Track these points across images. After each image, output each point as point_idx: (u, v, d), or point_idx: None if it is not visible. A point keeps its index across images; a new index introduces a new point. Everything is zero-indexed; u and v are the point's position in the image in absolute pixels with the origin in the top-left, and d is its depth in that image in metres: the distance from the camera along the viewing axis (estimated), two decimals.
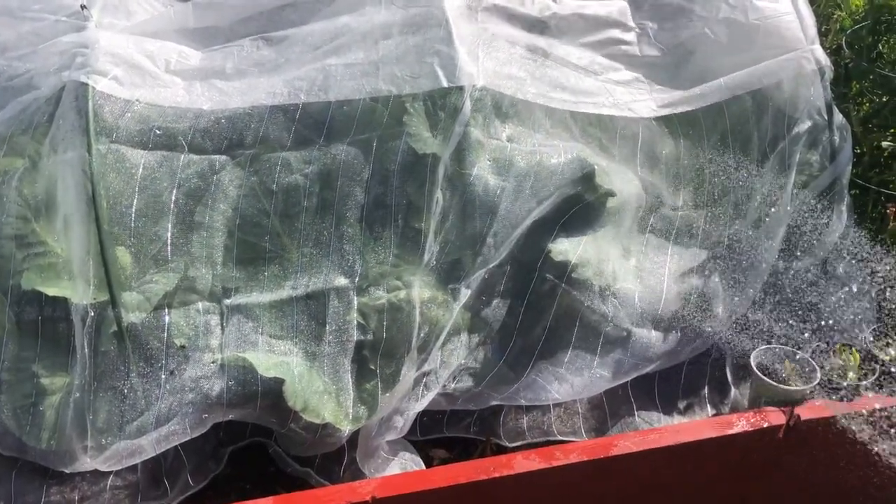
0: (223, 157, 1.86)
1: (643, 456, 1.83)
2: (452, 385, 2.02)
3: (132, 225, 1.76)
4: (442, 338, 1.94)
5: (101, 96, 1.78)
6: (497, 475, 1.76)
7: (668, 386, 2.17)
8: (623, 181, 2.08)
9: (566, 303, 2.02)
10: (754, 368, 2.02)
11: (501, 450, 2.06)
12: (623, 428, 2.09)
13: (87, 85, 1.78)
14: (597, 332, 2.03)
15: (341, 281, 1.88)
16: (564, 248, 2.00)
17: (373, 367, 1.90)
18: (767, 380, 1.98)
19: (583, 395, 2.07)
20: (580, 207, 2.02)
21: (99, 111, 1.77)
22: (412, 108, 1.93)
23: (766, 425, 1.89)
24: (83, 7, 1.88)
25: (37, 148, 1.86)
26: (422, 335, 1.91)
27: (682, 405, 2.15)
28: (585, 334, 2.03)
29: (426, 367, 1.93)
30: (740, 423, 1.90)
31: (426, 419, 2.07)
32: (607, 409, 2.12)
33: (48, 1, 1.95)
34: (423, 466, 1.96)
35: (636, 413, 2.11)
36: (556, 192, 1.98)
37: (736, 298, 2.13)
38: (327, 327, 1.86)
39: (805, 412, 1.90)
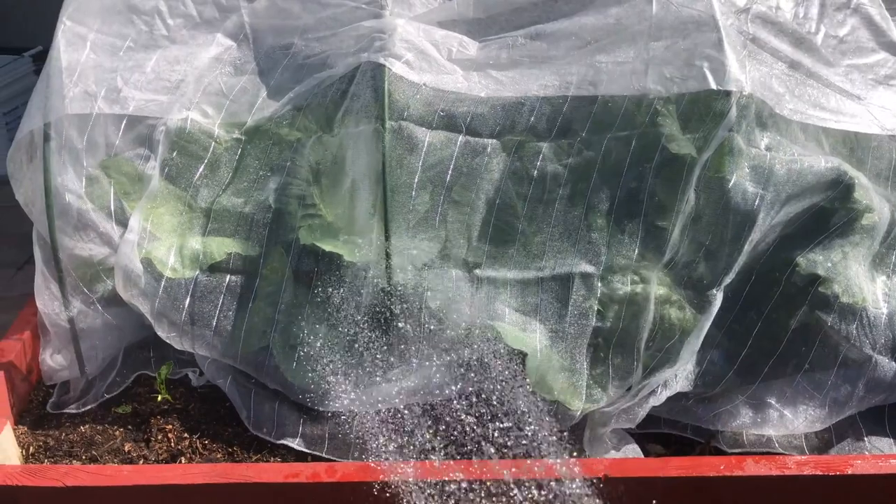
0: (494, 142, 2.00)
1: (881, 480, 1.79)
2: (677, 386, 2.06)
3: (412, 194, 1.94)
4: (676, 338, 1.98)
5: (394, 77, 1.97)
6: (727, 474, 1.79)
7: None
8: (878, 199, 2.03)
9: (807, 320, 2.00)
10: None
11: (719, 453, 2.07)
12: (849, 451, 2.04)
13: (383, 66, 1.96)
14: (835, 355, 2.00)
15: (587, 268, 1.97)
16: (814, 260, 1.97)
17: (604, 355, 1.98)
18: None
19: (809, 426, 2.03)
20: (834, 221, 1.99)
21: (393, 90, 1.96)
22: (665, 109, 1.99)
23: None
24: None
25: (328, 119, 2.08)
26: (656, 332, 1.96)
27: None
28: (823, 356, 2.00)
29: (660, 365, 1.97)
30: None
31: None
32: (833, 430, 2.08)
33: None
34: None
35: (865, 438, 2.05)
36: (813, 204, 1.97)
37: None
38: (570, 309, 1.95)
39: None
